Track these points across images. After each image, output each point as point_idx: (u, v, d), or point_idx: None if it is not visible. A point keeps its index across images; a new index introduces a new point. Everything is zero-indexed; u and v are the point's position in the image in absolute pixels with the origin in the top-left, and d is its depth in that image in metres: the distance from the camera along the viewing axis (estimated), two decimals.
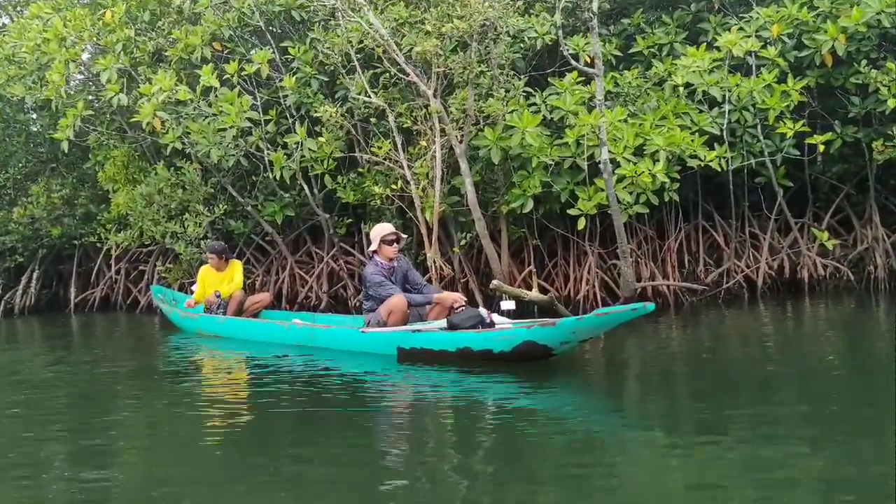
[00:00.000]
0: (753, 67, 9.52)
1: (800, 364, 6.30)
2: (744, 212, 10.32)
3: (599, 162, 8.40)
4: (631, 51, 10.19)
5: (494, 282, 7.98)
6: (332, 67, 9.76)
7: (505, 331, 6.34)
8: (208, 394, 6.44)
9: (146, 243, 11.20)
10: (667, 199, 9.06)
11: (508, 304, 7.08)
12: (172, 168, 10.70)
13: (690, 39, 10.19)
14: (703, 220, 10.39)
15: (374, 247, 7.48)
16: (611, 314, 5.84)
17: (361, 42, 8.93)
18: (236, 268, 9.65)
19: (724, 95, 9.19)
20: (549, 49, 10.10)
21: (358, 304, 10.46)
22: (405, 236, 7.67)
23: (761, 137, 9.64)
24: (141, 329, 11.13)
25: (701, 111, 9.35)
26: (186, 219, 10.26)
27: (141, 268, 13.13)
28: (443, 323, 6.90)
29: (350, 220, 10.70)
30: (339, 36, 8.73)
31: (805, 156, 9.89)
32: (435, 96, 8.69)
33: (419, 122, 8.89)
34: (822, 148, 9.10)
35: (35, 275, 14.08)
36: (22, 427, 5.51)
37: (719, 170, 9.08)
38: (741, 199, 10.31)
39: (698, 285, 9.63)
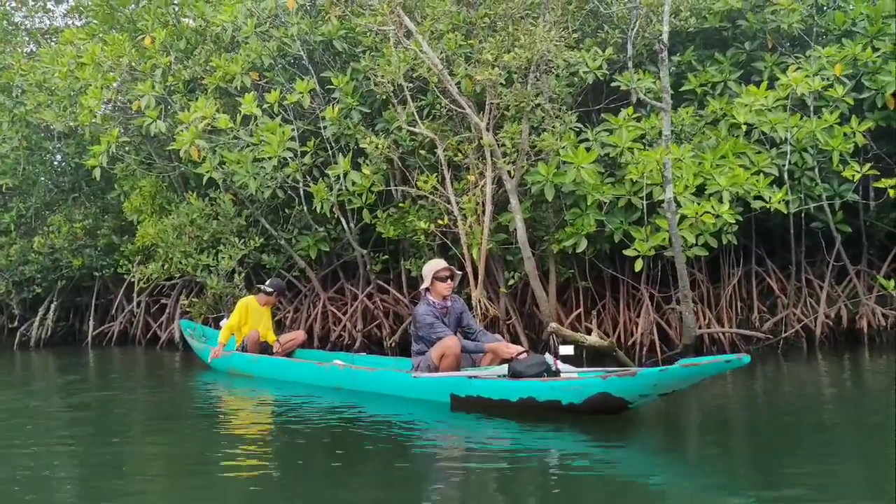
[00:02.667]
0: (812, 108, 9.15)
1: (879, 428, 5.77)
2: (800, 258, 9.86)
3: (662, 201, 8.00)
4: (682, 88, 9.85)
5: (552, 325, 7.53)
6: (377, 98, 9.46)
7: (575, 381, 5.85)
8: (237, 438, 5.92)
9: (175, 276, 10.77)
10: (725, 241, 8.63)
11: (566, 350, 6.62)
12: (207, 199, 10.33)
13: (742, 78, 9.85)
14: (756, 266, 9.92)
15: (426, 284, 7.04)
16: (700, 366, 5.30)
17: (414, 71, 8.59)
18: (269, 309, 9.26)
19: (785, 136, 8.79)
20: (594, 85, 9.75)
21: (393, 344, 10.03)
22: (459, 273, 7.24)
23: (819, 180, 9.27)
24: (163, 365, 10.69)
25: (759, 152, 8.97)
26: (221, 251, 9.84)
27: (163, 301, 12.74)
28: (502, 369, 6.43)
29: (386, 256, 10.29)
30: (389, 64, 8.38)
31: (864, 200, 9.50)
32: (487, 129, 8.32)
33: (468, 156, 8.52)
34: (892, 193, 8.67)
35: (53, 307, 13.70)
36: (34, 467, 5.06)
37: (784, 212, 8.64)
38: (796, 244, 9.91)
39: (761, 334, 9.14)
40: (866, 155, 9.43)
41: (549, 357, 6.14)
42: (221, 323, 10.04)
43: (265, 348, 9.04)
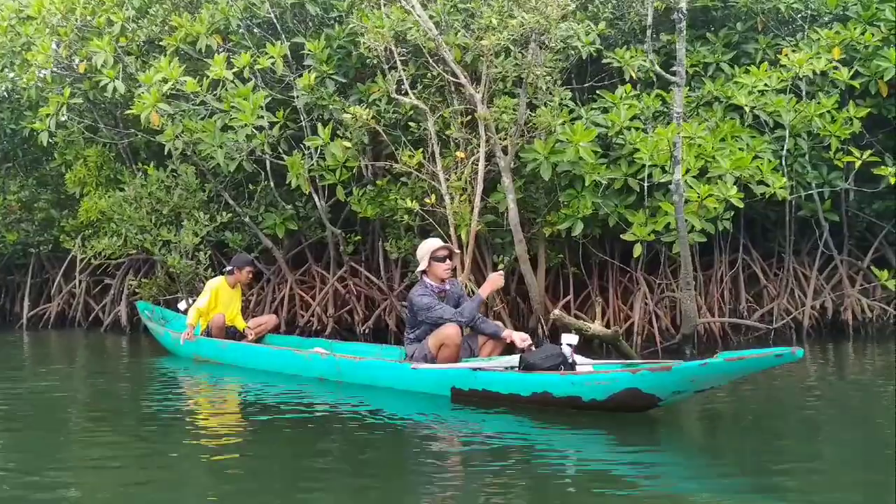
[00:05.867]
0: (804, 92, 8.88)
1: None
2: (787, 247, 9.61)
3: (662, 183, 7.59)
4: (673, 68, 9.44)
5: (555, 312, 7.05)
6: (351, 67, 8.84)
7: (601, 375, 5.35)
8: (203, 434, 5.26)
9: (130, 252, 9.91)
10: (721, 228, 8.28)
11: (571, 338, 6.09)
12: (167, 169, 9.49)
13: (734, 60, 9.51)
14: (743, 255, 9.63)
15: (423, 266, 6.48)
16: (747, 360, 4.81)
17: (403, 36, 7.95)
18: (240, 291, 8.56)
19: (787, 120, 8.46)
20: (578, 62, 9.26)
21: (367, 330, 9.42)
22: (458, 251, 6.71)
23: (810, 168, 9.02)
24: (111, 350, 9.87)
25: (753, 137, 8.64)
26: (185, 226, 9.03)
27: (106, 282, 11.83)
28: (510, 360, 5.92)
29: (358, 237, 9.65)
30: (382, 27, 7.70)
31: (864, 189, 9.28)
32: (482, 102, 7.75)
33: (461, 130, 7.95)
34: (893, 180, 8.46)
35: None
36: None
37: (784, 199, 8.34)
38: (784, 233, 9.71)
39: (760, 324, 8.87)
40: (860, 143, 9.22)
41: (566, 348, 5.63)
42: (179, 305, 9.31)
43: (231, 333, 8.34)
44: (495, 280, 6.51)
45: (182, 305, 9.20)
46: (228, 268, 8.49)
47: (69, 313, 12.14)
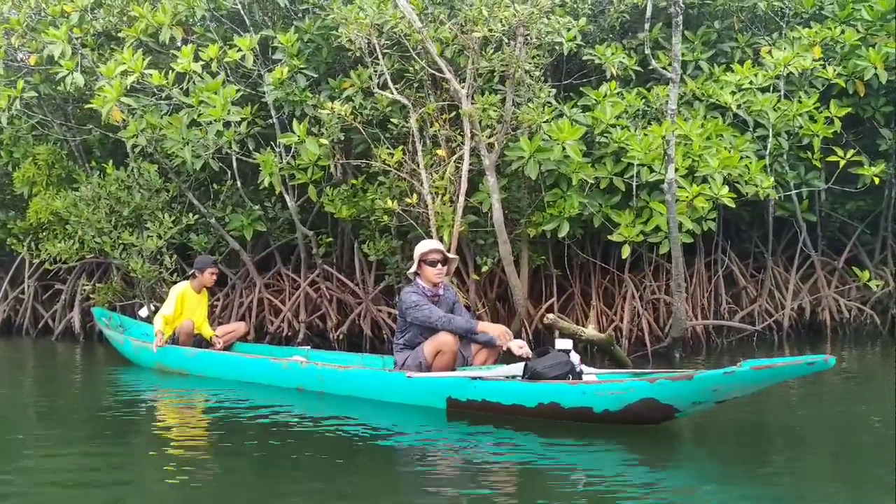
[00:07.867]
0: (783, 92, 8.79)
1: None
2: (765, 248, 9.54)
3: (650, 182, 7.38)
4: (651, 66, 9.28)
5: (550, 316, 6.78)
6: (321, 62, 8.47)
7: (615, 384, 5.05)
8: (166, 456, 4.75)
9: (87, 256, 9.34)
10: (706, 228, 8.13)
11: (564, 343, 5.81)
12: (130, 168, 8.96)
13: (712, 59, 9.39)
14: (722, 256, 9.52)
15: (414, 268, 6.16)
16: (775, 368, 4.52)
17: (383, 29, 7.60)
18: (206, 295, 8.10)
19: (773, 120, 8.34)
20: (559, 58, 9.05)
21: (341, 336, 9.03)
22: (454, 257, 6.39)
23: (788, 167, 8.95)
24: (64, 359, 9.28)
25: (736, 136, 8.52)
26: (149, 228, 8.50)
27: (57, 286, 11.19)
28: (510, 369, 5.61)
29: (330, 238, 9.26)
30: (364, 17, 7.33)
31: (847, 188, 9.24)
32: (467, 97, 7.44)
33: (445, 127, 7.63)
34: (877, 181, 8.43)
35: None
36: None
37: (774, 198, 8.25)
38: (756, 233, 9.63)
39: (748, 325, 8.76)
40: (837, 143, 9.18)
41: (573, 356, 5.35)
42: (140, 312, 8.81)
43: (197, 342, 7.87)
44: (503, 333, 5.98)
45: (143, 312, 8.70)
46: (194, 272, 8.04)
47: (16, 320, 11.48)
